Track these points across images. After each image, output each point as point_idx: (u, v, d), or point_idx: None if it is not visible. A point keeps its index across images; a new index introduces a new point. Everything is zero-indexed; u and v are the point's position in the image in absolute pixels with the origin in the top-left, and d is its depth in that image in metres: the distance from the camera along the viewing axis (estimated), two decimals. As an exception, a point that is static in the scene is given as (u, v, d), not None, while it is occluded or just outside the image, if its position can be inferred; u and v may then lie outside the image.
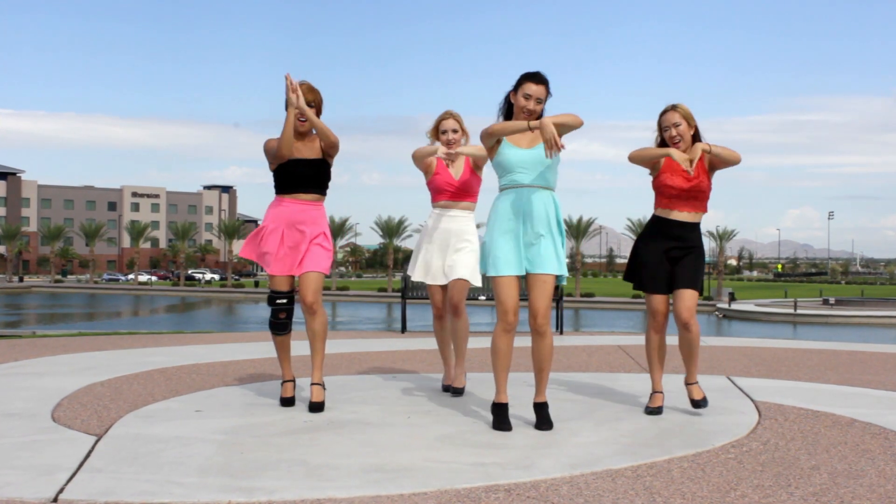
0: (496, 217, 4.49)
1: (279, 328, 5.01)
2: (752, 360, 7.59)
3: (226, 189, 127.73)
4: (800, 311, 40.76)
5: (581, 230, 63.15)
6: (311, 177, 4.96)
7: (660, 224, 4.94)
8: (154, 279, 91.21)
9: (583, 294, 57.56)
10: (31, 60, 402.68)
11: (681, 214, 4.88)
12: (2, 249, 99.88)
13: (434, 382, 5.96)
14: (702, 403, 4.83)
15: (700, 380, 6.09)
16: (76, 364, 6.78)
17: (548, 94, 4.47)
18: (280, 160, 4.94)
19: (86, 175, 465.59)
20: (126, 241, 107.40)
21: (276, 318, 4.99)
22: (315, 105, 4.95)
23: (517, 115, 4.48)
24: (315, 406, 4.84)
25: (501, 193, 4.52)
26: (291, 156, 4.95)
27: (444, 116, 5.46)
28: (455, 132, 5.42)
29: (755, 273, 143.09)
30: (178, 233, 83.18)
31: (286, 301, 4.98)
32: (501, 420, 4.37)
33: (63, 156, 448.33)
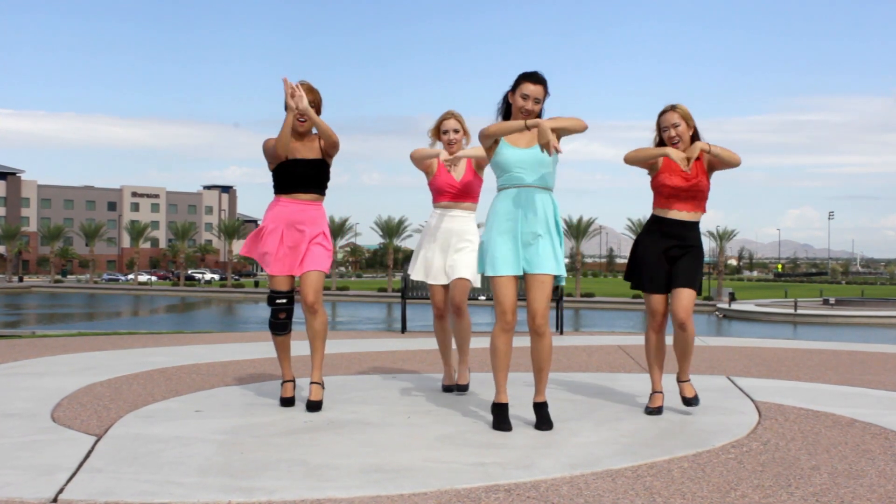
0: (494, 217, 4.48)
1: (279, 328, 5.01)
2: (753, 361, 7.59)
3: (226, 189, 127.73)
4: (800, 312, 40.78)
5: (581, 230, 63.17)
6: (310, 177, 4.96)
7: (658, 223, 4.93)
8: (154, 279, 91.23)
9: (583, 294, 57.57)
10: (31, 60, 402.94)
11: (679, 213, 4.88)
12: (1, 249, 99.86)
13: (434, 382, 5.95)
14: (693, 401, 4.84)
15: (700, 380, 6.10)
16: (76, 364, 6.78)
17: (546, 94, 4.47)
18: (277, 160, 4.94)
19: (86, 175, 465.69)
20: (126, 241, 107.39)
21: (276, 319, 4.99)
22: (314, 105, 4.95)
23: (515, 116, 4.47)
24: (313, 405, 4.84)
25: (500, 193, 4.52)
26: (292, 156, 4.95)
27: (446, 116, 5.46)
28: (456, 132, 5.42)
29: (755, 273, 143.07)
30: (178, 233, 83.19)
31: (286, 301, 4.97)
32: (501, 420, 4.37)
33: (63, 156, 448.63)
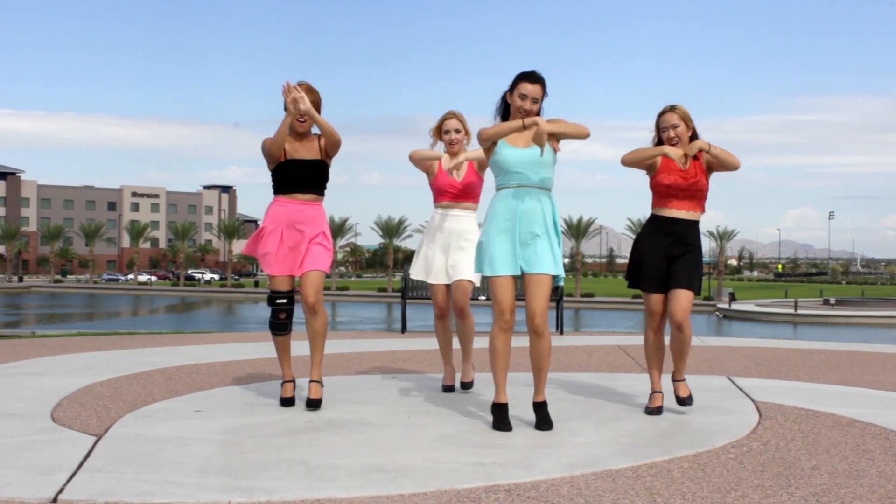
0: (493, 217, 4.48)
1: (279, 328, 5.01)
2: (753, 361, 7.58)
3: (226, 189, 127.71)
4: (800, 312, 40.77)
5: (581, 230, 63.17)
6: (310, 177, 4.95)
7: (658, 222, 4.93)
8: (154, 279, 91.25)
9: (583, 294, 57.58)
10: (31, 60, 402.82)
11: (678, 212, 4.87)
12: (1, 249, 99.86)
13: (434, 382, 5.95)
14: (687, 401, 4.84)
15: (700, 380, 6.10)
16: (76, 364, 6.78)
17: (544, 94, 4.47)
18: (273, 160, 4.94)
19: (85, 175, 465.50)
20: (126, 241, 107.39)
21: (277, 319, 4.99)
22: (314, 105, 4.95)
23: (514, 115, 4.47)
24: (313, 402, 4.85)
25: (498, 193, 4.51)
26: (291, 156, 4.95)
27: (447, 116, 5.47)
28: (458, 132, 5.43)
29: (755, 273, 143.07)
30: (178, 233, 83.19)
31: (286, 301, 4.97)
32: (501, 420, 4.37)
33: (63, 156, 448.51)
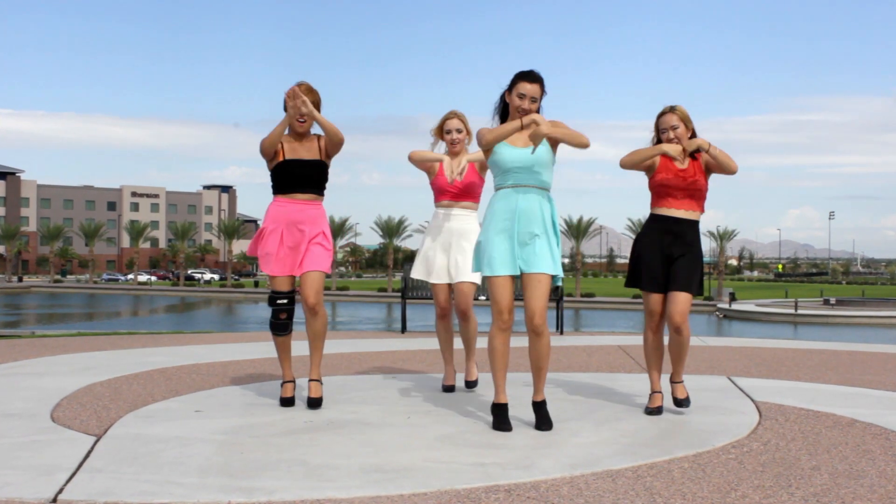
0: (491, 216, 4.48)
1: (280, 329, 5.00)
2: (753, 361, 7.58)
3: (225, 189, 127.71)
4: (800, 312, 40.76)
5: (581, 230, 63.15)
6: (309, 177, 4.95)
7: (657, 221, 4.92)
8: (153, 279, 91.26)
9: (583, 294, 57.57)
10: (31, 60, 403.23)
11: (678, 211, 4.87)
12: (1, 249, 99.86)
13: (434, 382, 5.95)
14: (684, 403, 4.83)
15: (700, 380, 6.10)
16: (75, 364, 6.78)
17: (543, 93, 4.47)
18: (268, 158, 4.93)
19: (85, 175, 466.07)
20: (125, 241, 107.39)
21: (277, 319, 4.99)
22: (314, 105, 4.95)
23: (513, 115, 4.47)
24: (313, 401, 4.86)
25: (497, 193, 4.52)
26: (290, 156, 4.94)
27: (449, 116, 5.48)
28: (459, 132, 5.45)
29: (756, 273, 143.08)
30: (178, 233, 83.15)
31: (287, 301, 4.97)
32: (501, 420, 4.37)
33: (63, 156, 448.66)
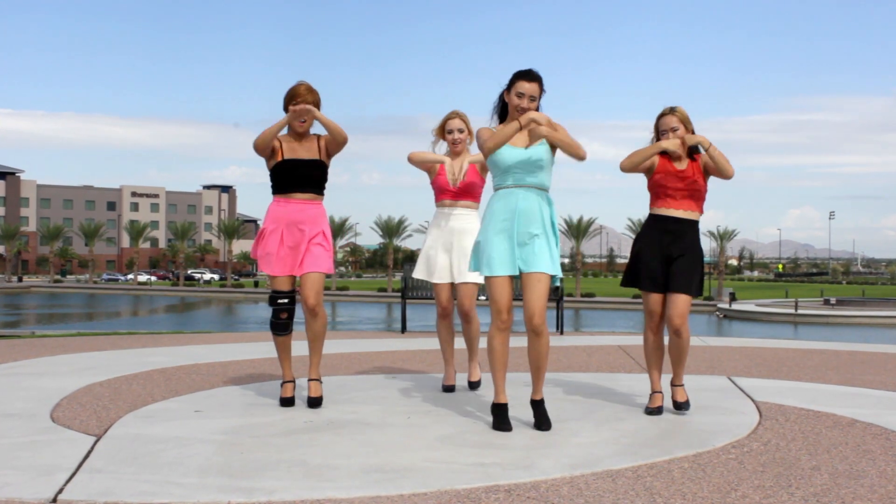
0: (490, 216, 4.48)
1: (280, 328, 5.00)
2: (753, 361, 7.58)
3: (225, 189, 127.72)
4: (801, 312, 40.77)
5: (581, 230, 63.15)
6: (308, 177, 4.95)
7: (656, 221, 4.92)
8: (153, 279, 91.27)
9: (583, 294, 57.57)
10: (31, 60, 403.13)
11: (676, 212, 4.87)
12: (1, 249, 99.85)
13: (434, 382, 5.95)
14: (684, 406, 4.83)
15: (700, 380, 6.10)
16: (75, 364, 6.77)
17: (542, 91, 4.48)
18: (260, 153, 4.92)
19: (85, 175, 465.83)
20: (125, 241, 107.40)
21: (278, 319, 4.98)
22: (314, 105, 4.95)
23: (512, 114, 4.49)
24: (313, 401, 4.86)
25: (496, 193, 4.52)
26: (291, 155, 4.94)
27: (451, 116, 5.49)
28: (461, 132, 5.46)
29: (756, 273, 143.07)
30: (178, 233, 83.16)
31: (287, 301, 4.97)
32: (501, 420, 4.37)
33: (62, 156, 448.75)
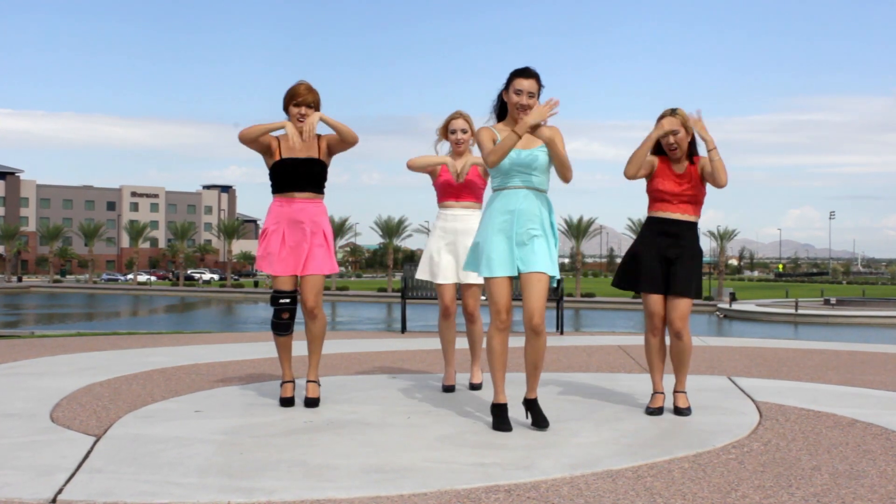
0: (490, 217, 4.49)
1: (282, 328, 4.99)
2: (753, 361, 7.57)
3: (225, 189, 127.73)
4: (801, 312, 40.77)
5: (581, 230, 63.16)
6: (306, 176, 4.95)
7: (654, 224, 4.92)
8: (153, 279, 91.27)
9: (583, 294, 57.57)
10: (31, 60, 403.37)
11: (674, 214, 4.87)
12: (1, 249, 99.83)
13: (434, 382, 5.95)
14: (685, 412, 4.81)
15: (700, 380, 6.10)
16: (75, 364, 6.77)
17: (540, 87, 4.48)
18: (243, 142, 4.88)
19: (85, 175, 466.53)
20: (125, 241, 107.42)
21: (279, 319, 4.98)
22: (314, 106, 4.95)
23: (511, 113, 4.50)
24: (311, 402, 4.87)
25: (495, 194, 4.53)
26: (290, 154, 4.95)
27: (454, 116, 5.49)
28: (464, 132, 5.47)
29: (756, 273, 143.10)
30: (178, 233, 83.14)
31: (289, 301, 4.96)
32: (501, 420, 4.37)
33: (62, 155, 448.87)
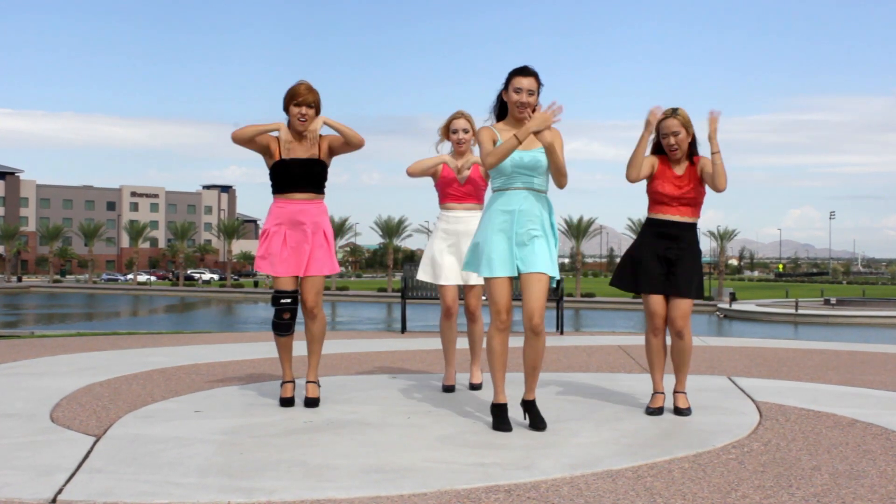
0: (490, 217, 4.49)
1: (283, 329, 4.99)
2: (754, 361, 7.57)
3: (225, 189, 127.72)
4: (801, 312, 40.76)
5: (581, 230, 63.14)
6: (305, 176, 4.95)
7: (654, 225, 4.93)
8: (153, 279, 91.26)
9: (583, 294, 57.56)
10: (31, 60, 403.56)
11: (674, 216, 4.88)
12: (0, 249, 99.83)
13: (434, 382, 5.95)
14: (685, 413, 4.81)
15: (700, 380, 6.10)
16: (75, 364, 6.77)
17: (539, 85, 4.48)
18: (236, 142, 4.88)
19: (85, 175, 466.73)
20: (125, 241, 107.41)
21: (280, 319, 4.98)
22: (314, 105, 4.95)
23: (512, 112, 4.50)
24: (310, 402, 4.87)
25: (495, 194, 4.54)
26: (290, 154, 4.95)
27: (456, 116, 5.49)
28: (466, 132, 5.47)
29: (756, 273, 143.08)
30: (177, 233, 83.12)
31: (290, 301, 4.96)
32: (501, 420, 4.37)
33: (62, 155, 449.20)
